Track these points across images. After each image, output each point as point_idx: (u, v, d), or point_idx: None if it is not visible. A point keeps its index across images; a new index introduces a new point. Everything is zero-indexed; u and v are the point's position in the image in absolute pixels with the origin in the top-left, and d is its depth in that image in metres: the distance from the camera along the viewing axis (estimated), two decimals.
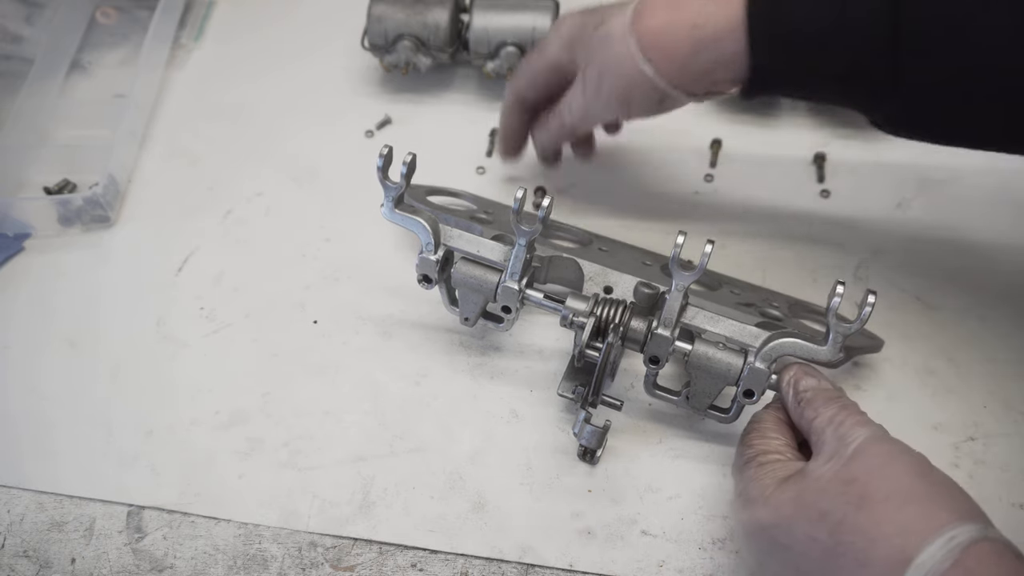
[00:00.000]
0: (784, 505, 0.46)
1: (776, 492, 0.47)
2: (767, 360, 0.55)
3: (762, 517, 0.47)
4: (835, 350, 0.54)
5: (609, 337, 0.56)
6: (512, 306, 0.60)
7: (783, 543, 0.46)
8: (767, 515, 0.47)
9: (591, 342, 0.58)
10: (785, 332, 0.55)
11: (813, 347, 0.54)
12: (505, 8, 0.79)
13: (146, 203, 0.77)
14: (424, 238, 0.60)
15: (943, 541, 0.41)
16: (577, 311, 0.59)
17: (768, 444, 0.51)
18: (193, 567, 0.57)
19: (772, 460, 0.50)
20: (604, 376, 0.57)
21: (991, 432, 0.62)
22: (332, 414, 0.64)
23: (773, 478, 0.48)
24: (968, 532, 0.41)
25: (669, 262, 0.54)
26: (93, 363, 0.67)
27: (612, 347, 0.56)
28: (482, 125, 0.82)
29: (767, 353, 0.54)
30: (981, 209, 0.75)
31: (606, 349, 0.56)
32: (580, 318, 0.58)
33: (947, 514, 0.42)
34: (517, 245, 0.58)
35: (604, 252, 0.68)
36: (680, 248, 0.53)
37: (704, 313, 0.57)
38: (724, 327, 0.56)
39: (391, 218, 0.60)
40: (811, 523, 0.45)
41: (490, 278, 0.60)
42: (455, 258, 0.61)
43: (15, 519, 0.59)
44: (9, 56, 0.86)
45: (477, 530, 0.58)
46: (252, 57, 0.89)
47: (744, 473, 0.51)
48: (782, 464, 0.49)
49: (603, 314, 0.58)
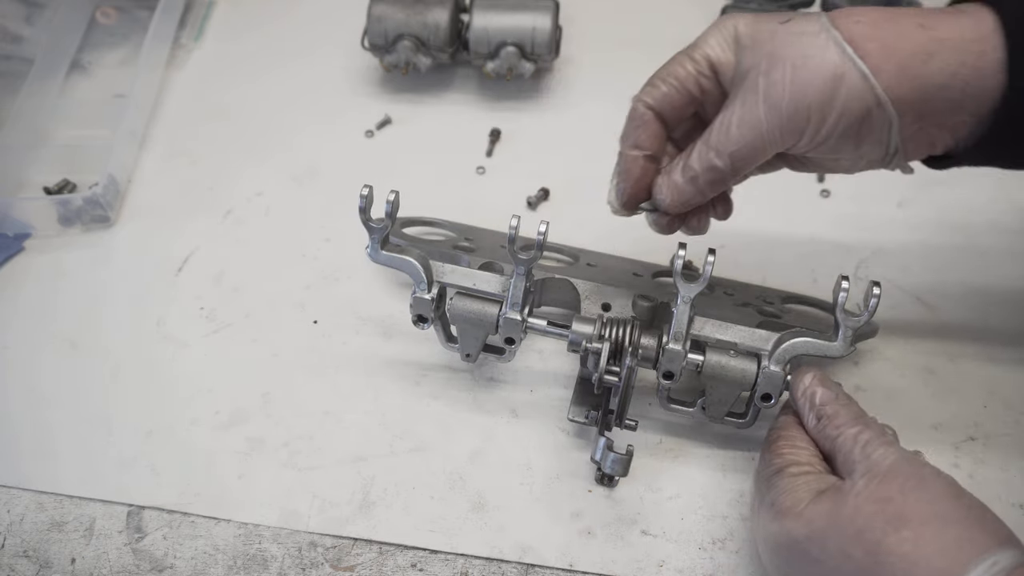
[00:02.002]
0: (819, 519, 0.45)
1: (811, 505, 0.46)
2: (781, 362, 0.54)
3: (794, 529, 0.46)
4: (846, 345, 0.53)
5: (628, 360, 0.55)
6: (516, 337, 0.58)
7: (814, 556, 0.45)
8: (800, 528, 0.46)
9: (607, 366, 0.56)
10: (795, 332, 0.55)
11: (825, 344, 0.54)
12: (505, 8, 0.79)
13: (146, 203, 0.77)
14: (416, 278, 0.57)
15: (987, 566, 0.40)
16: (586, 335, 0.57)
17: (799, 455, 0.50)
18: (193, 567, 0.57)
19: (805, 472, 0.49)
20: (628, 400, 0.56)
21: (991, 432, 0.62)
22: (332, 414, 0.64)
23: (808, 490, 0.47)
24: (1010, 558, 0.41)
25: (672, 274, 0.53)
26: (93, 363, 0.67)
27: (633, 371, 0.55)
28: (482, 125, 0.82)
29: (780, 355, 0.54)
30: (981, 209, 0.75)
31: (627, 373, 0.55)
32: (594, 344, 0.57)
33: (987, 538, 0.42)
34: (515, 275, 0.57)
35: (593, 267, 0.68)
36: (681, 260, 0.53)
37: (712, 322, 0.56)
38: (733, 334, 0.56)
39: (379, 260, 0.57)
40: (847, 539, 0.44)
41: (490, 311, 0.58)
42: (449, 293, 0.59)
43: (15, 519, 0.59)
44: (9, 56, 0.86)
45: (477, 530, 0.58)
46: (252, 57, 0.89)
47: (774, 483, 0.49)
48: (816, 477, 0.48)
49: (615, 336, 0.57)
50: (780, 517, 0.47)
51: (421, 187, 0.76)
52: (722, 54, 0.51)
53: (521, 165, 0.79)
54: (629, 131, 0.54)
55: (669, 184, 0.53)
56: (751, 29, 0.50)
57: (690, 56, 0.52)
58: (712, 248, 0.53)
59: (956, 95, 0.45)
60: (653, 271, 0.68)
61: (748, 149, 0.50)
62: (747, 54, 0.50)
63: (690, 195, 0.52)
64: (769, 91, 0.48)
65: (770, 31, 0.49)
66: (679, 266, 0.53)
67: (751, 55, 0.49)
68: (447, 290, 0.60)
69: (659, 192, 0.53)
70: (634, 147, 0.54)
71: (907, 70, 0.45)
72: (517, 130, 0.82)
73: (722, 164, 0.50)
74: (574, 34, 0.87)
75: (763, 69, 0.48)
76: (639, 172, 0.54)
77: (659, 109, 0.53)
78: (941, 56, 0.44)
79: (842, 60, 0.46)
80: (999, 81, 0.45)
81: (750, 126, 0.49)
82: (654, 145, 0.53)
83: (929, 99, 0.45)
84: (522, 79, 0.82)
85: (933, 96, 0.45)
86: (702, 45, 0.52)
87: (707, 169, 0.51)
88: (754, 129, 0.49)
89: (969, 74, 0.44)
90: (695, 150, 0.51)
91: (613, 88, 0.85)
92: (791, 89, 0.47)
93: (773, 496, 0.49)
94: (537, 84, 0.85)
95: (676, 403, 0.59)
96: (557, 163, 0.79)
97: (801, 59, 0.47)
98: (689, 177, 0.52)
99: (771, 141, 0.49)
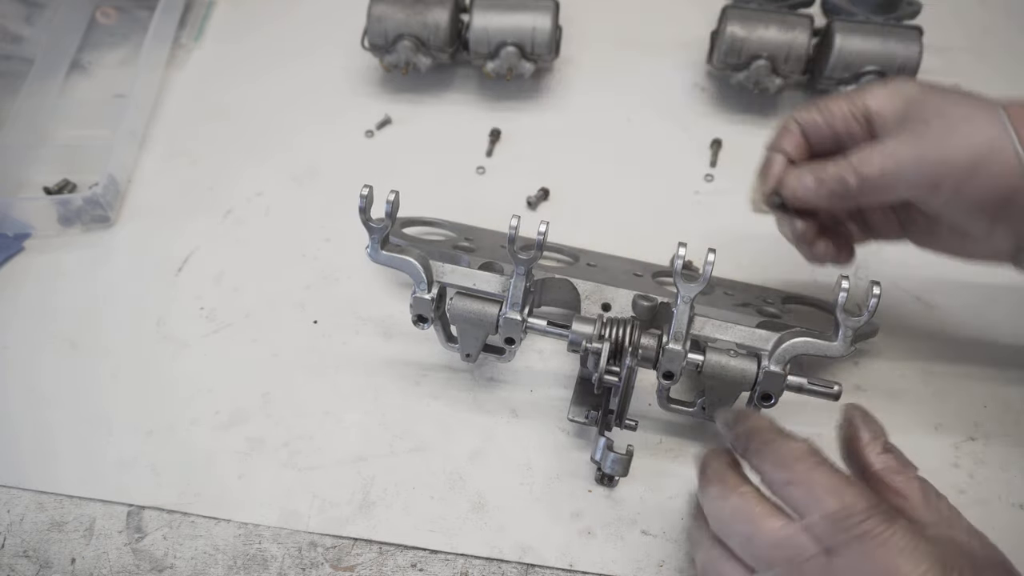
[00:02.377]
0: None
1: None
2: (781, 362, 0.54)
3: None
4: (846, 345, 0.54)
5: (628, 360, 0.55)
6: (516, 337, 0.58)
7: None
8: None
9: (607, 366, 0.56)
10: (795, 332, 0.55)
11: (825, 344, 0.54)
12: (505, 8, 0.79)
13: (146, 203, 0.77)
14: (416, 278, 0.58)
15: None
16: (586, 335, 0.57)
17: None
18: (193, 567, 0.57)
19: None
20: (628, 400, 0.56)
21: (991, 432, 0.62)
22: (332, 414, 0.64)
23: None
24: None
25: (672, 274, 0.53)
26: (93, 363, 0.67)
27: (633, 371, 0.55)
28: (482, 125, 0.82)
29: (780, 355, 0.54)
30: None
31: (627, 373, 0.55)
32: (594, 344, 0.57)
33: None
34: (515, 275, 0.57)
35: (593, 267, 0.68)
36: (682, 260, 0.53)
37: (712, 322, 0.56)
38: (733, 334, 0.56)
39: (379, 260, 0.57)
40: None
41: (490, 311, 0.58)
42: (449, 293, 0.59)
43: (15, 519, 0.59)
44: (9, 56, 0.86)
45: (477, 530, 0.58)
46: (252, 57, 0.89)
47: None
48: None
49: (615, 336, 0.57)
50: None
51: (421, 187, 0.76)
52: (885, 104, 0.54)
53: (521, 165, 0.79)
54: (776, 138, 0.58)
55: (797, 175, 0.56)
56: (914, 92, 0.53)
57: (849, 98, 0.56)
58: (712, 248, 0.53)
59: None
60: (653, 271, 0.68)
61: (882, 179, 0.51)
62: (915, 106, 0.52)
63: (810, 193, 0.55)
64: (923, 137, 0.50)
65: (942, 91, 0.52)
66: (679, 266, 0.53)
67: (918, 108, 0.52)
68: (447, 290, 0.60)
69: (786, 179, 0.57)
70: (777, 150, 0.58)
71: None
72: (517, 130, 0.82)
73: (852, 181, 0.53)
74: (574, 34, 0.87)
75: (925, 118, 0.51)
76: (778, 170, 0.57)
77: (805, 128, 0.57)
78: None
79: (1001, 134, 0.49)
80: None
81: (894, 160, 0.51)
82: (794, 152, 0.57)
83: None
84: (522, 79, 0.82)
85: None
86: (865, 94, 0.55)
87: (836, 179, 0.53)
88: (896, 164, 0.51)
89: None
90: (835, 160, 0.54)
91: (613, 88, 0.86)
92: (944, 141, 0.50)
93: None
94: (537, 84, 0.85)
95: (676, 403, 0.59)
96: (557, 163, 0.79)
97: (963, 120, 0.50)
98: (817, 177, 0.55)
99: (907, 182, 0.51)
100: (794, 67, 0.78)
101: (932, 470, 0.59)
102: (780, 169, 0.57)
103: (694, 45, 0.86)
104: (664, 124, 0.83)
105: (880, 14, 0.80)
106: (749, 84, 0.79)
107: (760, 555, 0.44)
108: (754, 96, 0.81)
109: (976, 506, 0.59)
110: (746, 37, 0.77)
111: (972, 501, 0.59)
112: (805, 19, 0.78)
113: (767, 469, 0.46)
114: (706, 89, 0.85)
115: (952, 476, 0.60)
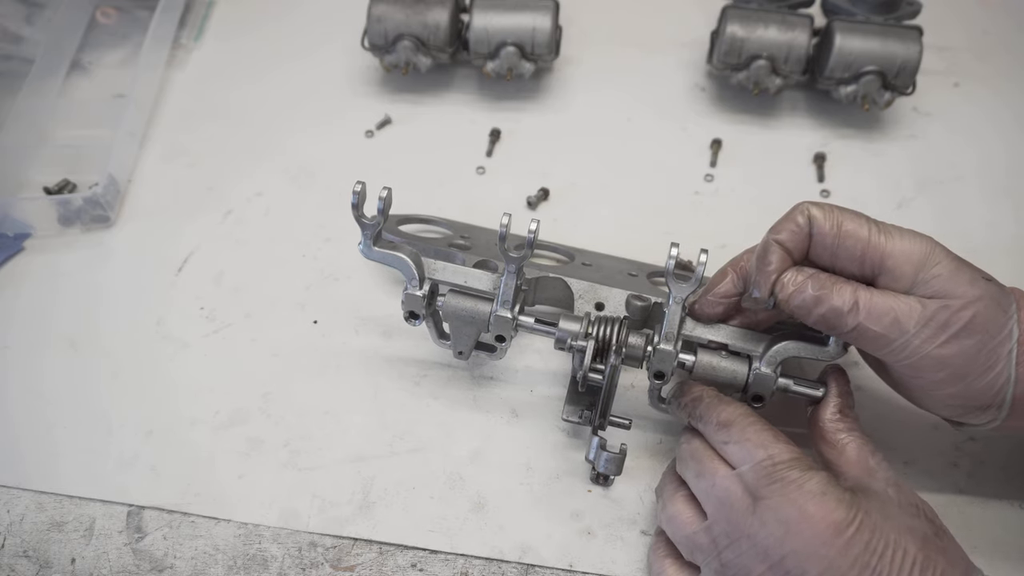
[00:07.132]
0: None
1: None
2: (772, 364, 0.54)
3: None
4: (839, 347, 0.54)
5: (611, 359, 0.55)
6: (506, 334, 0.58)
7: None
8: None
9: (593, 364, 0.57)
10: (787, 334, 0.55)
11: (817, 348, 0.54)
12: (505, 8, 0.79)
13: (146, 203, 0.77)
14: (408, 274, 0.58)
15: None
16: (572, 333, 0.57)
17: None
18: (193, 567, 0.57)
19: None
20: (611, 399, 0.56)
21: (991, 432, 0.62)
22: (332, 414, 0.64)
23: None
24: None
25: (664, 273, 0.53)
26: (93, 363, 0.67)
27: (616, 369, 0.55)
28: (482, 125, 0.82)
29: (771, 357, 0.54)
30: (981, 209, 0.75)
31: (610, 371, 0.55)
32: (579, 342, 0.57)
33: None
34: (506, 273, 0.57)
35: (588, 267, 0.68)
36: (674, 260, 0.53)
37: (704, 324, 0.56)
38: (725, 334, 0.56)
39: (371, 256, 0.58)
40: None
41: (482, 308, 0.58)
42: (442, 290, 0.59)
43: (15, 519, 0.59)
44: (9, 56, 0.86)
45: (477, 530, 0.58)
46: (252, 57, 0.89)
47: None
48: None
49: (600, 334, 0.57)
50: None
51: (421, 187, 0.76)
52: (904, 261, 0.51)
53: (521, 165, 0.79)
54: (778, 223, 0.53)
55: (794, 280, 0.51)
56: (955, 264, 0.52)
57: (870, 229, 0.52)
58: (704, 248, 0.53)
59: None
60: (648, 271, 0.68)
61: (882, 338, 0.50)
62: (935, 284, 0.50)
63: (800, 303, 0.51)
64: (946, 328, 0.49)
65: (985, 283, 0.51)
66: (671, 266, 0.53)
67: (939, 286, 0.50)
68: (439, 287, 0.60)
69: (784, 279, 0.52)
70: (777, 237, 0.53)
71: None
72: (517, 130, 0.82)
73: (849, 321, 0.50)
74: (574, 34, 0.87)
75: (952, 307, 0.49)
76: (777, 262, 0.52)
77: (808, 232, 0.52)
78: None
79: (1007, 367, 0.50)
80: None
81: (899, 330, 0.49)
82: (794, 246, 0.52)
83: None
84: (522, 79, 0.82)
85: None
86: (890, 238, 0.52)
87: (833, 309, 0.50)
88: (900, 332, 0.50)
89: None
90: (846, 288, 0.50)
91: (613, 88, 0.86)
92: (969, 369, 0.50)
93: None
94: (537, 84, 0.85)
95: (667, 403, 0.59)
96: (557, 163, 0.79)
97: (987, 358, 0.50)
98: (816, 295, 0.51)
99: (908, 350, 0.50)
100: (794, 67, 0.78)
101: (932, 470, 0.59)
102: (779, 261, 0.52)
103: (694, 45, 0.87)
104: (664, 124, 0.83)
105: (880, 14, 0.80)
106: (749, 84, 0.79)
107: (705, 489, 0.51)
108: (754, 96, 0.81)
109: (976, 506, 0.59)
110: (746, 37, 0.77)
111: (972, 501, 0.59)
112: (805, 19, 0.78)
113: (710, 431, 0.52)
114: (706, 89, 0.85)
115: (952, 476, 0.60)
